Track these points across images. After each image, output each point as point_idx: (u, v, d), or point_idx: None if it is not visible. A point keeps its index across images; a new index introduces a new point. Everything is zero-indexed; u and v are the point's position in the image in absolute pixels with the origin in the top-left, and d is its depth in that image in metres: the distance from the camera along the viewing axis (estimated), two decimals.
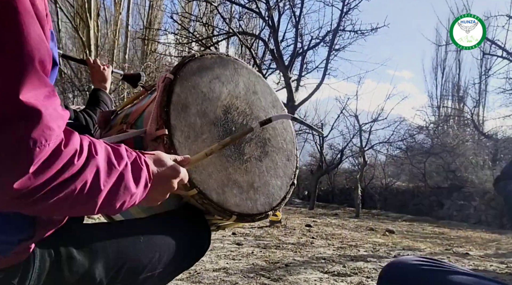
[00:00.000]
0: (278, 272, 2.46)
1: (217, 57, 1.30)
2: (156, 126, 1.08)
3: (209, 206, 1.10)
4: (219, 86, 1.25)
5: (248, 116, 1.31)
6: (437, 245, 5.42)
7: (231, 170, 1.19)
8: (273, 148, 1.35)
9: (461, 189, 13.84)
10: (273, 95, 1.45)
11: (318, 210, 14.64)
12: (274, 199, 1.28)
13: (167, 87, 1.13)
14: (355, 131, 14.03)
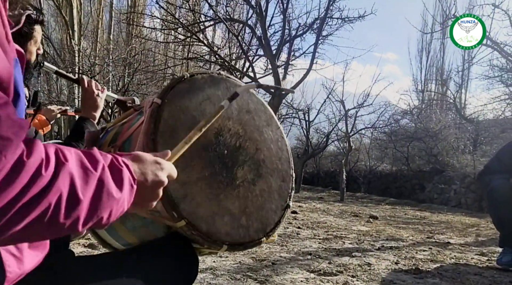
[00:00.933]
0: (265, 271, 2.48)
1: (208, 77, 1.26)
2: None
3: (198, 237, 1.08)
4: (210, 108, 1.22)
5: (241, 137, 1.28)
6: (419, 233, 5.55)
7: (222, 196, 1.17)
8: (267, 169, 1.32)
9: (442, 172, 14.15)
10: (267, 112, 1.42)
11: (303, 193, 14.83)
12: (268, 224, 1.26)
13: (154, 113, 1.09)
14: (341, 116, 14.11)
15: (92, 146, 1.34)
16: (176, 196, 1.06)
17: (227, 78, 1.32)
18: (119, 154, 0.67)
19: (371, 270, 2.78)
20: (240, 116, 1.29)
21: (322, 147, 15.39)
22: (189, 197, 1.09)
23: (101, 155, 0.60)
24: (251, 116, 1.33)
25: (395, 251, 3.65)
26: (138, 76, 17.47)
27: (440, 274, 2.79)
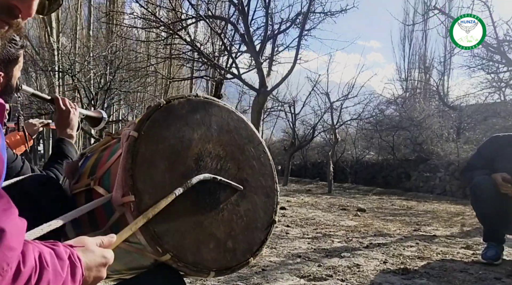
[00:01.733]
0: (255, 279, 2.48)
1: (185, 101, 1.23)
2: (121, 193, 1.03)
3: (184, 268, 1.08)
4: (189, 133, 1.19)
5: (222, 159, 1.26)
6: (406, 225, 5.63)
7: (206, 223, 1.15)
8: (251, 187, 1.31)
9: (427, 161, 14.37)
10: (248, 128, 1.40)
11: (291, 186, 14.91)
12: (255, 244, 1.26)
13: (131, 148, 1.06)
14: (326, 108, 14.17)
15: (72, 177, 1.30)
16: (159, 231, 1.05)
17: (205, 100, 1.29)
18: (71, 245, 0.70)
19: (360, 271, 2.81)
20: (220, 138, 1.27)
21: (308, 139, 15.45)
22: (172, 229, 1.08)
23: (64, 249, 0.65)
24: (232, 136, 1.31)
25: (383, 249, 3.70)
26: (120, 74, 17.21)
27: (427, 273, 2.83)
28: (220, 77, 9.84)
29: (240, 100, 17.90)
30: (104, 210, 1.09)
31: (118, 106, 22.59)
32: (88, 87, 17.62)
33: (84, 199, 1.24)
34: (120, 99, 20.98)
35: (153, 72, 13.13)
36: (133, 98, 20.64)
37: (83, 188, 1.21)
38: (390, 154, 16.12)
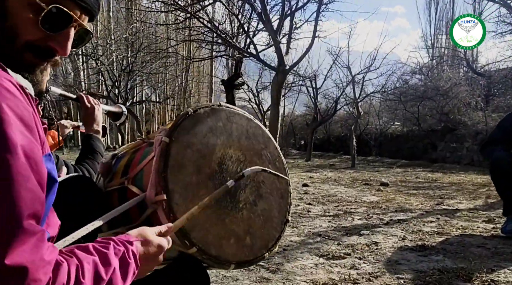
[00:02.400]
0: (276, 259, 2.63)
1: (209, 110, 1.33)
2: (155, 192, 1.16)
3: (208, 260, 1.21)
4: (213, 139, 1.30)
5: (242, 163, 1.37)
6: (428, 199, 5.65)
7: (227, 220, 1.28)
8: (267, 189, 1.42)
9: (453, 131, 14.07)
10: (265, 135, 1.49)
11: (314, 161, 14.97)
12: (270, 240, 1.38)
13: (163, 152, 1.19)
14: (348, 82, 13.96)
15: (106, 176, 1.45)
16: (187, 227, 1.17)
17: (227, 108, 1.39)
18: (130, 240, 0.78)
19: (378, 249, 2.91)
20: (240, 143, 1.37)
21: (331, 113, 15.33)
22: (198, 225, 1.20)
23: (115, 250, 0.71)
24: (250, 142, 1.41)
25: (403, 225, 3.77)
26: (141, 55, 17.41)
27: (444, 249, 2.90)
28: (239, 56, 9.85)
29: (260, 77, 17.84)
30: (137, 207, 1.23)
31: (140, 87, 22.98)
32: (111, 70, 17.98)
33: (118, 196, 1.38)
34: (143, 80, 21.33)
35: (173, 53, 13.22)
36: (155, 79, 20.91)
37: (117, 186, 1.35)
38: (415, 125, 15.83)
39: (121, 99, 17.68)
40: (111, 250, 0.72)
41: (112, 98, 17.75)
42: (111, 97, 17.73)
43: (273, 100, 7.45)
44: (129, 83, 18.13)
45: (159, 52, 13.97)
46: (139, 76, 18.97)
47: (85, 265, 0.65)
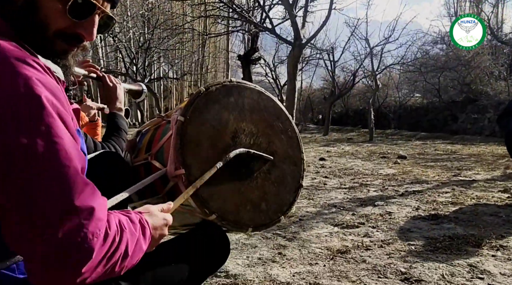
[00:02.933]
0: (292, 228, 2.77)
1: (221, 87, 1.43)
2: (174, 167, 1.29)
3: (227, 225, 1.34)
4: (226, 115, 1.40)
5: (254, 135, 1.47)
6: (446, 170, 5.68)
7: (243, 189, 1.40)
8: (279, 158, 1.52)
9: (475, 101, 13.78)
10: (276, 107, 1.58)
11: (332, 135, 14.97)
12: (284, 205, 1.49)
13: (179, 130, 1.30)
14: (366, 54, 13.71)
15: (132, 152, 1.58)
16: (205, 196, 1.31)
17: (238, 84, 1.48)
18: (140, 212, 0.91)
19: (391, 219, 3.02)
20: (252, 117, 1.47)
21: (349, 87, 15.17)
22: (216, 195, 1.33)
23: (135, 215, 0.84)
24: (262, 114, 1.51)
25: (417, 196, 3.85)
26: (158, 32, 17.45)
27: (456, 218, 2.99)
28: (255, 30, 9.80)
29: (277, 51, 17.67)
30: (160, 180, 1.36)
31: (158, 64, 23.12)
32: (128, 47, 18.12)
33: (144, 170, 1.51)
34: (160, 57, 21.43)
35: (189, 29, 13.21)
36: (172, 55, 20.99)
37: (142, 161, 1.48)
38: (435, 97, 15.55)
39: (139, 76, 17.89)
40: (132, 214, 0.85)
41: (130, 76, 17.97)
42: (130, 75, 17.95)
43: (289, 75, 7.45)
44: (146, 60, 18.28)
45: (175, 28, 13.98)
46: (156, 53, 19.07)
47: (122, 220, 0.78)
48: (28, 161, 0.63)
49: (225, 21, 10.08)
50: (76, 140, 0.72)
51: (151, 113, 24.87)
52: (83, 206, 0.66)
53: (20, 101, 0.64)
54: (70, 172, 0.66)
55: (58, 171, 0.65)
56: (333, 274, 2.04)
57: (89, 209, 0.66)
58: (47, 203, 0.63)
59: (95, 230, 0.66)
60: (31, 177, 0.63)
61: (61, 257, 0.62)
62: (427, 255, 2.24)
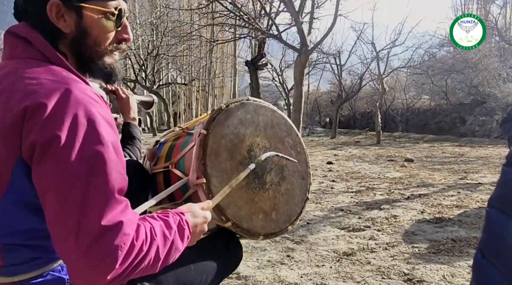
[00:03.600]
0: (300, 232, 2.88)
1: (239, 104, 1.56)
2: (196, 176, 1.41)
3: (241, 232, 1.46)
4: (243, 130, 1.54)
5: (267, 149, 1.60)
6: (452, 174, 5.74)
7: (256, 199, 1.52)
8: (289, 171, 1.65)
9: (483, 104, 13.77)
10: (287, 124, 1.72)
11: (340, 138, 15.02)
12: (292, 215, 1.62)
13: (202, 142, 1.43)
14: (372, 58, 13.78)
15: (152, 160, 1.71)
16: (223, 204, 1.43)
17: (254, 101, 1.62)
18: (182, 212, 1.01)
19: (397, 222, 3.11)
20: (266, 132, 1.60)
21: (356, 90, 15.24)
22: (232, 203, 1.46)
23: (173, 218, 0.95)
24: (275, 130, 1.64)
25: (423, 199, 3.94)
26: (166, 39, 17.70)
27: (460, 221, 3.07)
28: (262, 37, 9.95)
29: (284, 56, 17.80)
30: (180, 188, 1.48)
31: (166, 70, 23.39)
32: (138, 54, 18.40)
33: (163, 178, 1.64)
34: (168, 63, 21.69)
35: (197, 36, 13.41)
36: (180, 62, 21.22)
37: (162, 169, 1.61)
38: (443, 99, 15.54)
39: (148, 83, 18.14)
40: (170, 218, 0.95)
41: (139, 82, 18.23)
42: (139, 81, 18.21)
43: (296, 80, 7.58)
44: (155, 67, 18.53)
45: (183, 35, 14.21)
46: (164, 59, 19.33)
47: (155, 227, 0.88)
48: (74, 181, 0.74)
49: (232, 28, 10.25)
50: (121, 162, 0.83)
51: (159, 119, 25.14)
52: (112, 223, 0.76)
53: (81, 126, 0.76)
54: (107, 194, 0.77)
55: (96, 192, 0.76)
56: (339, 275, 2.14)
57: (115, 225, 0.77)
58: (82, 219, 0.74)
59: (120, 244, 0.76)
60: (70, 189, 0.74)
61: (89, 265, 0.74)
62: (430, 257, 2.34)
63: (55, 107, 0.76)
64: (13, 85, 0.81)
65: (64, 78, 0.82)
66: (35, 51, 0.87)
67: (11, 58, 0.88)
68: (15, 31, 0.89)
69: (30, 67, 0.84)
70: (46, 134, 0.74)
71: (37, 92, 0.78)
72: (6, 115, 0.77)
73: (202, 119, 1.54)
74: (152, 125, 18.88)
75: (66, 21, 0.89)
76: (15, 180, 0.79)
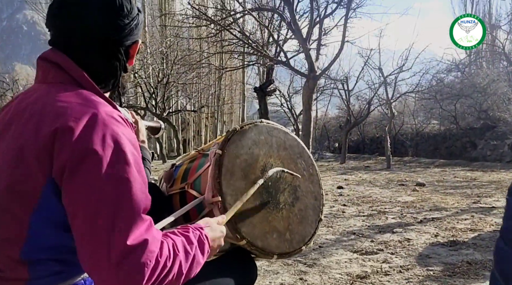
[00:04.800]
0: (313, 255, 2.85)
1: (253, 126, 1.61)
2: (211, 194, 1.44)
3: (255, 251, 1.47)
4: (256, 150, 1.57)
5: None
6: (465, 198, 5.66)
7: (270, 218, 1.54)
8: (302, 192, 1.67)
9: (494, 128, 13.68)
10: (299, 146, 1.75)
11: (349, 163, 14.93)
12: (306, 236, 1.62)
13: (217, 162, 1.46)
14: (380, 83, 13.90)
15: (168, 181, 1.75)
16: (238, 223, 1.45)
17: (267, 124, 1.67)
18: (201, 227, 1.04)
19: (410, 245, 3.07)
20: (279, 153, 1.64)
21: (364, 115, 15.28)
22: (247, 222, 1.47)
23: (194, 233, 0.98)
24: (288, 152, 1.67)
25: (436, 223, 3.88)
26: (176, 67, 18.11)
27: (475, 244, 3.02)
28: (270, 63, 10.15)
29: (292, 82, 18.05)
30: (195, 207, 1.51)
31: (176, 97, 23.77)
32: (148, 82, 18.79)
33: (179, 199, 1.67)
34: (178, 91, 22.06)
35: (206, 64, 13.72)
36: (189, 89, 21.59)
37: (178, 190, 1.64)
38: (453, 123, 15.48)
39: (158, 110, 18.41)
40: (191, 233, 0.98)
41: (149, 109, 18.51)
42: (149, 108, 18.50)
43: (305, 106, 7.66)
44: (165, 94, 18.86)
45: (193, 64, 14.55)
46: (174, 87, 19.68)
47: (178, 242, 0.91)
48: (103, 201, 0.78)
49: (241, 55, 10.49)
50: (144, 182, 0.86)
51: (169, 145, 25.33)
52: (138, 241, 0.80)
53: (107, 149, 0.80)
54: (134, 214, 0.81)
55: (123, 212, 0.80)
56: None
57: (143, 244, 0.80)
58: (111, 238, 0.77)
59: (146, 261, 0.79)
60: (98, 211, 0.77)
61: (119, 282, 0.77)
62: (445, 280, 2.30)
63: (84, 129, 0.80)
64: (44, 108, 0.86)
65: (93, 101, 0.87)
66: (66, 76, 0.92)
67: (43, 82, 0.94)
68: (48, 57, 0.94)
69: (61, 91, 0.89)
70: (76, 156, 0.78)
71: (66, 114, 0.82)
72: (38, 137, 0.82)
73: (217, 141, 1.58)
74: (162, 152, 19.02)
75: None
76: (45, 199, 0.82)
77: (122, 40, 0.97)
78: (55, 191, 0.81)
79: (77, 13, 0.92)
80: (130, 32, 0.97)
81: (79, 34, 0.93)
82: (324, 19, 7.76)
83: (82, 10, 0.92)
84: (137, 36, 1.00)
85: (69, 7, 0.92)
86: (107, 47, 0.95)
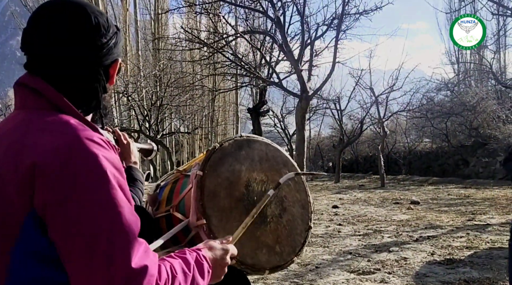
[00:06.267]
0: (309, 276, 2.82)
1: (233, 142, 1.60)
2: (196, 217, 1.43)
3: (246, 269, 1.45)
4: (238, 166, 1.56)
5: (265, 183, 1.62)
6: (460, 215, 5.67)
7: (258, 233, 1.52)
8: (289, 202, 1.66)
9: (485, 145, 13.83)
10: (283, 156, 1.74)
11: (344, 182, 14.94)
12: (296, 246, 1.61)
13: (199, 183, 1.45)
14: (372, 102, 14.08)
15: (153, 205, 1.73)
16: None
17: (248, 137, 1.66)
18: (199, 248, 1.03)
19: (407, 264, 3.05)
20: (262, 166, 1.63)
21: (357, 134, 15.40)
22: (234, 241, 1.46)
23: (191, 255, 0.96)
24: (271, 163, 1.66)
25: (432, 241, 3.87)
26: (170, 90, 18.22)
27: (471, 262, 3.01)
28: (263, 85, 10.27)
29: (284, 102, 18.22)
30: (182, 230, 1.49)
31: (170, 119, 23.82)
32: (142, 105, 18.84)
33: (165, 222, 1.65)
34: (171, 113, 22.12)
35: (200, 86, 13.82)
36: (183, 111, 21.66)
37: (164, 213, 1.62)
38: (444, 141, 15.65)
39: (151, 132, 18.40)
40: (188, 255, 0.96)
41: (143, 132, 18.50)
42: (143, 131, 18.48)
43: (298, 126, 7.72)
44: (159, 117, 18.89)
45: (186, 86, 14.66)
46: (168, 109, 19.74)
47: (175, 264, 0.90)
48: (93, 227, 0.76)
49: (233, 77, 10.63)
50: (131, 204, 0.85)
51: (163, 168, 25.19)
52: (139, 266, 0.78)
53: (89, 176, 0.78)
54: (130, 238, 0.79)
55: (120, 237, 0.78)
56: None
57: (143, 268, 0.79)
58: (113, 267, 0.76)
59: (147, 284, 0.78)
60: (95, 241, 0.76)
61: None
62: None
63: (64, 160, 0.78)
64: (24, 137, 0.83)
65: (72, 127, 0.84)
66: (45, 101, 0.88)
67: (22, 108, 0.90)
68: (24, 82, 0.90)
69: (40, 118, 0.86)
70: (57, 193, 0.76)
71: (46, 145, 0.79)
72: (17, 169, 0.79)
73: (198, 160, 1.57)
74: (156, 174, 18.90)
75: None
76: (27, 231, 0.79)
77: (100, 60, 0.92)
78: (38, 224, 0.78)
79: (51, 36, 0.87)
80: (109, 51, 0.92)
81: (55, 57, 0.88)
82: (315, 41, 7.95)
83: (56, 33, 0.87)
84: (116, 55, 0.96)
85: (42, 30, 0.87)
86: (85, 69, 0.91)
